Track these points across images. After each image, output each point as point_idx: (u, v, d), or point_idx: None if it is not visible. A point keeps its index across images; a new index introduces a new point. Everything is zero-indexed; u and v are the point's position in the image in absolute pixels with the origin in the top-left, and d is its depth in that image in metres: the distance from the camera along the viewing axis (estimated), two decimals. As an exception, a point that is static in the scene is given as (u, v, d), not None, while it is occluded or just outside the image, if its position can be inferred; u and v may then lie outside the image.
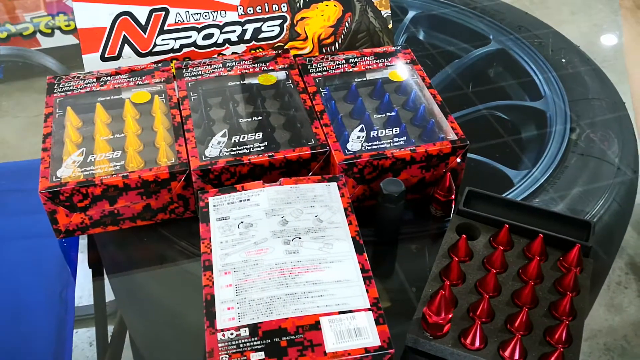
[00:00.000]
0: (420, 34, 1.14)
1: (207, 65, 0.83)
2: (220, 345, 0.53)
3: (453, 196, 0.73)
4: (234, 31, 0.88)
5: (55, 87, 0.79)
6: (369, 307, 0.56)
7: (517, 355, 0.57)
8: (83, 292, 1.28)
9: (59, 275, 1.00)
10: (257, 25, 0.89)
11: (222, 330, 0.54)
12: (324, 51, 0.92)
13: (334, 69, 0.84)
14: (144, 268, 0.78)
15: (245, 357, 0.53)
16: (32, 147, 1.95)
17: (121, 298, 0.92)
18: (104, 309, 1.11)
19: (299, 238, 0.62)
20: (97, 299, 1.09)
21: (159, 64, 0.83)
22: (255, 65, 0.83)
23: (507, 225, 0.67)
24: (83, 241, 0.91)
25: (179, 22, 0.86)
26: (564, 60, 1.01)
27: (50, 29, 2.02)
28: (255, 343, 0.54)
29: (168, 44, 0.87)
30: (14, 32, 2.01)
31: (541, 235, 0.67)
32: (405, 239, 0.73)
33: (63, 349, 0.89)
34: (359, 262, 0.60)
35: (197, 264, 0.72)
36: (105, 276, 0.92)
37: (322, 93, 0.80)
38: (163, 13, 0.85)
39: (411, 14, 1.14)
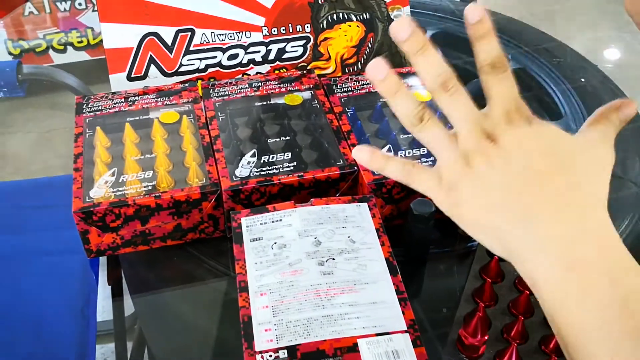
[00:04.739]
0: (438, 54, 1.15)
1: (234, 85, 0.84)
2: (259, 367, 0.54)
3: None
4: (259, 51, 0.89)
5: (84, 107, 0.80)
6: (406, 329, 0.57)
7: (552, 377, 0.57)
8: (97, 308, 1.28)
9: (80, 291, 1.00)
10: (281, 45, 0.90)
11: (261, 352, 0.55)
12: (347, 71, 0.93)
13: (359, 89, 0.84)
14: (168, 286, 0.79)
15: (284, 379, 0.53)
16: (43, 162, 1.96)
17: (143, 315, 0.93)
18: (123, 326, 1.11)
19: (333, 259, 0.62)
20: (117, 316, 1.10)
21: (186, 84, 0.84)
22: (281, 85, 0.84)
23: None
24: (102, 259, 0.92)
25: (205, 42, 0.87)
26: (582, 80, 1.02)
27: (62, 46, 2.04)
28: (294, 365, 0.54)
29: (194, 64, 0.88)
30: (27, 48, 2.03)
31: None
32: (434, 259, 0.74)
33: (86, 367, 0.89)
34: (394, 284, 0.60)
35: (223, 282, 0.73)
36: (125, 293, 0.92)
37: (348, 113, 0.81)
38: (189, 34, 0.86)
39: (429, 33, 1.15)
